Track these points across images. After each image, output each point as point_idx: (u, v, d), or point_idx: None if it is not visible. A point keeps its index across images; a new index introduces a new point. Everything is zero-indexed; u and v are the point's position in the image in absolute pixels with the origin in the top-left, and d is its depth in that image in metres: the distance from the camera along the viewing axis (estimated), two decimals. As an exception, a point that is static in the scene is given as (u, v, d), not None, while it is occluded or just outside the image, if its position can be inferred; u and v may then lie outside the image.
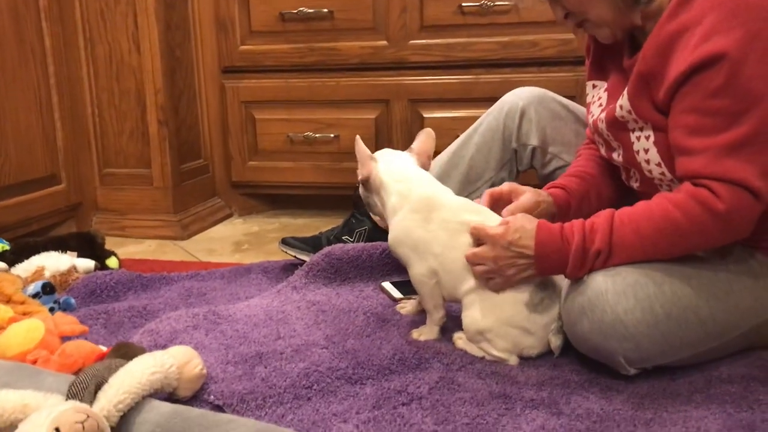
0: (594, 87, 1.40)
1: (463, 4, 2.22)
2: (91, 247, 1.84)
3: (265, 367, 1.19)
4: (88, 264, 1.73)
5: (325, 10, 2.34)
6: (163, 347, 1.14)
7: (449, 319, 1.35)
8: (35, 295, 1.46)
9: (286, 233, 1.96)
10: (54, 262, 1.67)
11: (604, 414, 1.06)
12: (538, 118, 1.60)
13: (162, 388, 1.02)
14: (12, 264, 1.68)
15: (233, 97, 2.49)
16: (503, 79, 2.19)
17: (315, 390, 1.13)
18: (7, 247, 1.76)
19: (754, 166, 1.07)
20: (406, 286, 1.55)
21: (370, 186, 1.36)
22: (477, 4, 2.21)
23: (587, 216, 1.19)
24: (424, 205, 1.30)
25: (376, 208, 1.39)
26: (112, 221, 2.37)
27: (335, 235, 1.84)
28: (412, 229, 1.30)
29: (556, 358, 1.24)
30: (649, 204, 1.15)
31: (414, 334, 1.34)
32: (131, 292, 1.67)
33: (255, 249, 2.17)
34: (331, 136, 2.40)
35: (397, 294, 1.56)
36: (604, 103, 1.33)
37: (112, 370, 0.98)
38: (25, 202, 2.09)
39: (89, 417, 0.86)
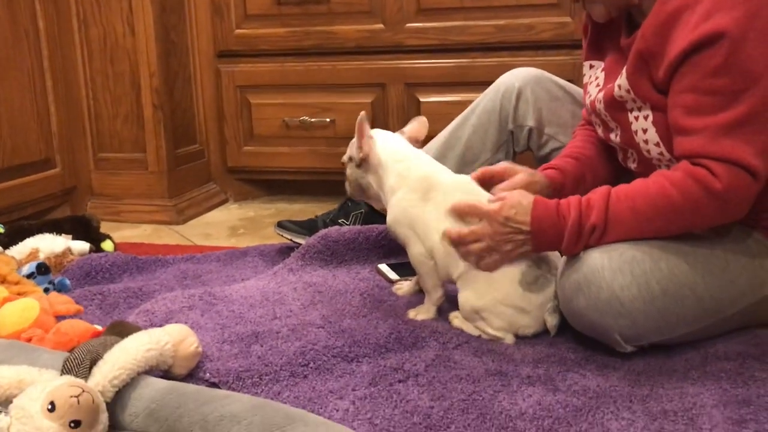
0: (591, 67, 1.39)
1: (460, -13, 2.21)
2: (86, 231, 1.84)
3: (261, 346, 1.19)
4: (83, 246, 1.72)
5: (321, -6, 2.33)
6: (159, 327, 1.13)
7: (446, 300, 1.34)
8: (30, 276, 1.45)
9: (282, 218, 1.96)
10: (48, 244, 1.66)
11: (601, 390, 1.06)
12: (534, 98, 1.59)
13: (157, 366, 1.02)
14: (6, 246, 1.67)
15: (228, 81, 2.47)
16: (500, 63, 2.18)
17: (311, 368, 1.13)
18: (1, 230, 1.75)
19: (752, 146, 1.07)
20: (403, 268, 1.55)
21: (367, 165, 1.35)
22: (473, -13, 2.20)
23: None
24: (422, 184, 1.30)
25: (370, 190, 1.38)
26: (107, 206, 2.36)
27: (331, 218, 1.83)
28: (410, 208, 1.30)
29: (552, 336, 1.24)
30: (646, 181, 1.15)
31: (411, 314, 1.33)
32: (126, 274, 1.67)
33: (251, 234, 2.17)
34: (327, 120, 2.39)
35: (393, 276, 1.55)
36: (602, 83, 1.32)
37: (107, 347, 0.98)
38: (19, 186, 2.08)
39: (84, 391, 0.86)
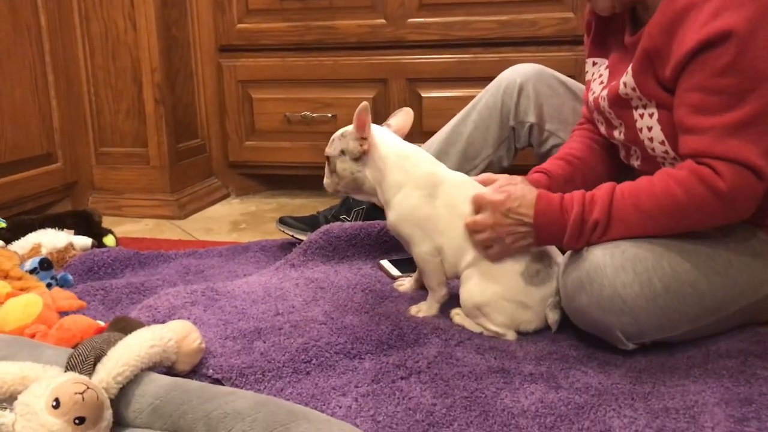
0: (594, 64, 1.39)
1: (462, -17, 2.21)
2: (88, 225, 1.84)
3: (264, 342, 1.19)
4: (85, 241, 1.72)
5: (323, -12, 2.32)
6: (162, 323, 1.13)
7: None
8: (32, 271, 1.45)
9: (284, 213, 1.96)
10: (51, 239, 1.66)
11: (603, 388, 1.07)
12: (535, 94, 1.59)
13: (160, 362, 1.03)
14: (8, 241, 1.68)
15: (230, 76, 2.47)
16: (502, 58, 2.17)
17: (314, 364, 1.13)
18: (3, 224, 1.75)
19: (758, 146, 1.07)
20: (404, 264, 1.55)
21: (365, 159, 1.31)
22: (476, -17, 2.20)
23: None
24: (428, 181, 1.29)
25: (365, 185, 1.32)
26: (108, 200, 2.36)
27: (333, 214, 1.83)
28: (418, 206, 1.28)
29: (554, 333, 1.25)
30: (651, 179, 1.14)
31: (412, 311, 1.34)
32: (129, 269, 1.67)
33: (252, 228, 2.17)
34: (329, 115, 2.39)
35: (395, 272, 1.55)
36: (606, 81, 1.32)
37: (110, 343, 0.98)
38: (20, 181, 2.08)
39: (88, 388, 0.87)
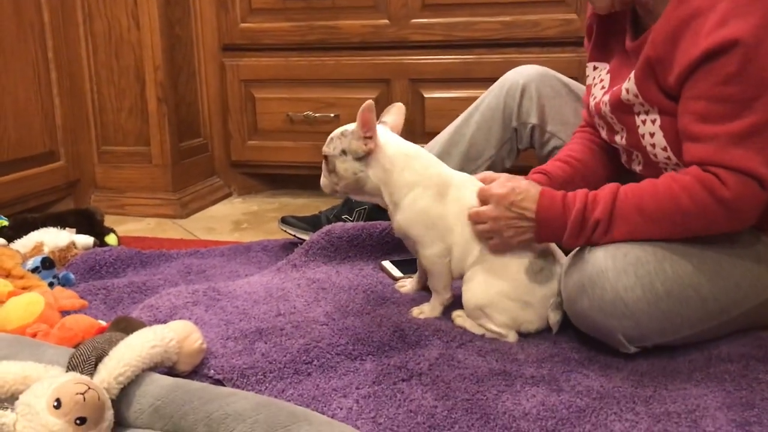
0: (595, 69, 1.38)
1: (466, -17, 2.21)
2: (90, 224, 1.84)
3: (266, 343, 1.19)
4: (87, 240, 1.73)
5: (326, -12, 2.32)
6: (163, 322, 1.13)
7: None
8: (34, 270, 1.46)
9: (286, 213, 1.95)
10: (53, 238, 1.67)
11: (604, 391, 1.06)
12: (538, 95, 1.59)
13: (162, 362, 1.03)
14: (10, 240, 1.68)
15: (233, 75, 2.47)
16: (505, 59, 2.17)
17: (315, 365, 1.13)
18: (5, 222, 1.75)
19: (762, 156, 1.07)
20: (406, 265, 1.55)
21: (369, 159, 1.28)
22: (479, -17, 2.20)
23: None
24: (438, 181, 1.29)
25: (368, 185, 1.30)
26: (110, 199, 2.37)
27: (335, 214, 1.83)
28: (430, 207, 1.28)
29: (556, 336, 1.25)
30: (655, 182, 1.14)
31: (414, 312, 1.33)
32: (130, 268, 1.67)
33: (254, 228, 2.17)
34: (331, 115, 2.39)
35: (396, 273, 1.55)
36: (607, 85, 1.31)
37: (112, 343, 0.98)
38: (23, 179, 2.08)
39: (90, 388, 0.87)
